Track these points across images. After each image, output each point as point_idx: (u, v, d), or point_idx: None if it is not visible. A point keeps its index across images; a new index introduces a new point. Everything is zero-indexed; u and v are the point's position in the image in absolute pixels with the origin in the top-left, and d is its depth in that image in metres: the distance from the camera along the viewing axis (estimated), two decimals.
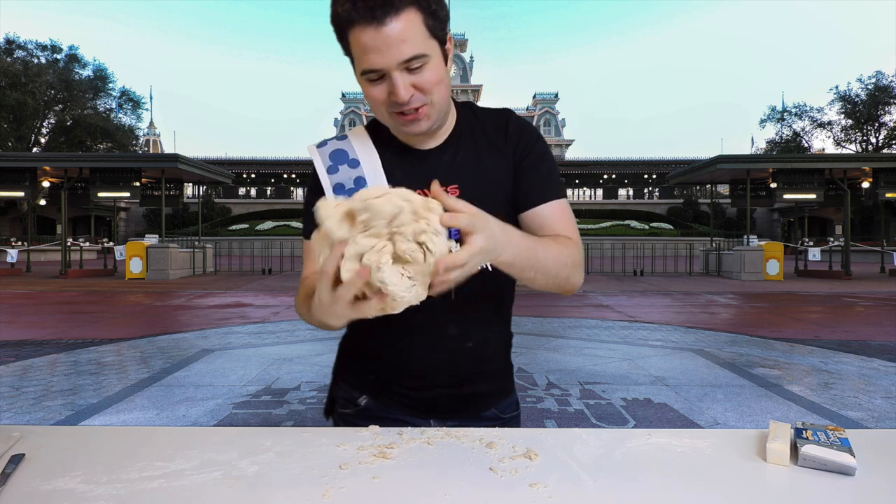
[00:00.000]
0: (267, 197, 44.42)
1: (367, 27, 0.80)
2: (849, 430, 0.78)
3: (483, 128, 1.01)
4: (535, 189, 0.98)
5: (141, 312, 8.37)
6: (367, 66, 0.84)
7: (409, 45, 0.81)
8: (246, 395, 3.91)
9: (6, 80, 28.39)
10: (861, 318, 7.85)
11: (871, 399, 3.81)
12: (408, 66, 0.83)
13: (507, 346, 1.11)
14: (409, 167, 0.97)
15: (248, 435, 0.85)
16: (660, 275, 16.14)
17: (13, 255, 16.14)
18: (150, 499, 0.65)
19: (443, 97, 0.89)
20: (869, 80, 34.61)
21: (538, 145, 1.00)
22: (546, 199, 0.97)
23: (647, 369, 4.63)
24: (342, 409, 1.08)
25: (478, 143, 1.00)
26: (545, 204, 0.97)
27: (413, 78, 0.84)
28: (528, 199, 0.98)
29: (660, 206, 42.13)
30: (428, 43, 0.84)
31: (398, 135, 0.98)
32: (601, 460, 0.75)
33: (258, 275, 15.89)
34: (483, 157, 0.99)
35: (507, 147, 0.99)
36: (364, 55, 0.83)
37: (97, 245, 18.27)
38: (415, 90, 0.85)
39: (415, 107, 0.87)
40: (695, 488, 0.67)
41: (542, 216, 0.97)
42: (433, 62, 0.86)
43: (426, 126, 0.90)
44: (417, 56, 0.82)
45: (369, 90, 0.87)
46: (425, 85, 0.85)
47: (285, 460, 0.75)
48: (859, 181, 16.36)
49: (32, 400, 3.75)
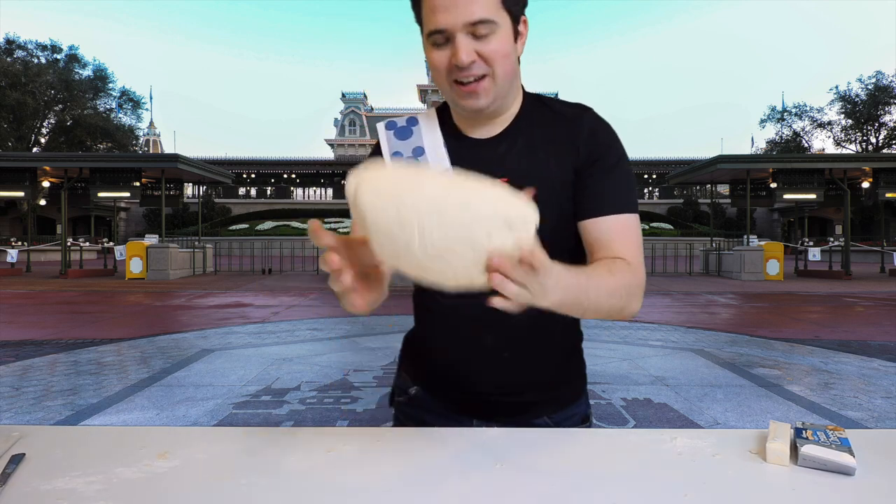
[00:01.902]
0: (267, 197, 44.39)
1: None
2: (849, 430, 0.78)
3: (550, 121, 0.93)
4: (596, 198, 0.88)
5: (141, 312, 8.37)
6: (433, 27, 0.81)
7: (479, 6, 0.79)
8: (246, 395, 3.90)
9: (6, 80, 28.38)
10: (861, 318, 7.85)
11: (871, 399, 3.80)
12: (474, 31, 0.80)
13: (566, 356, 1.04)
14: (463, 154, 0.93)
15: (248, 435, 0.85)
16: (660, 275, 16.13)
17: (13, 255, 16.14)
18: (151, 499, 0.65)
19: (507, 73, 0.85)
20: (869, 80, 34.61)
21: (612, 150, 0.91)
22: (606, 212, 0.87)
23: (647, 369, 4.63)
24: (398, 397, 1.09)
25: (539, 136, 0.92)
26: (605, 217, 0.87)
27: (478, 44, 0.81)
28: (586, 208, 0.89)
29: (660, 206, 42.11)
30: (499, 12, 0.81)
31: (458, 116, 0.95)
32: (601, 460, 0.75)
33: (258, 275, 15.89)
34: (540, 153, 0.91)
35: (574, 147, 0.90)
36: (432, 14, 0.81)
37: (97, 245, 18.26)
38: (477, 57, 0.82)
39: (475, 75, 0.83)
40: (695, 488, 0.67)
41: (599, 230, 0.87)
42: (501, 33, 0.82)
43: (485, 102, 0.85)
44: (485, 20, 0.80)
45: (432, 55, 0.84)
46: (490, 54, 0.82)
47: (283, 460, 0.75)
48: (859, 181, 16.35)
49: (32, 400, 3.75)
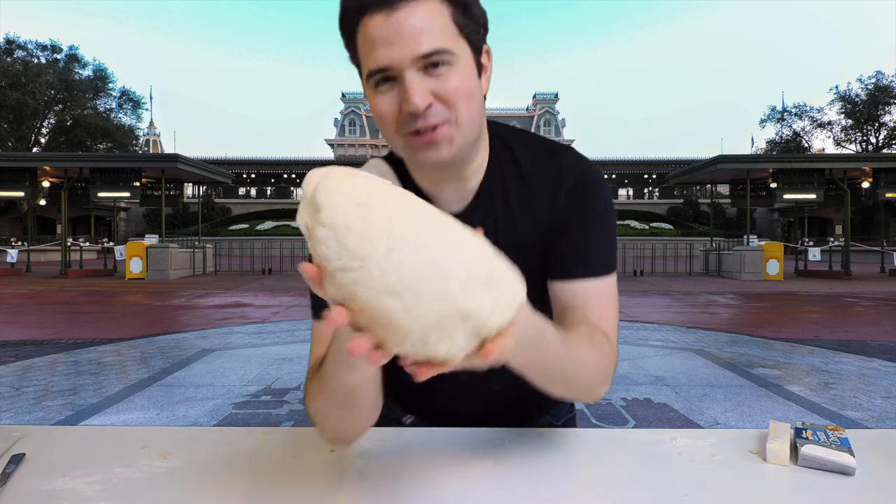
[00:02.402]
0: (267, 197, 44.43)
1: (376, 15, 0.64)
2: (849, 430, 0.78)
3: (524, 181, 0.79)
4: (571, 258, 0.77)
5: (141, 312, 8.37)
6: (374, 65, 0.66)
7: (430, 35, 0.64)
8: (246, 395, 3.90)
9: (6, 80, 28.41)
10: (861, 318, 7.85)
11: (871, 399, 3.80)
12: (426, 65, 0.65)
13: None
14: None
15: (248, 435, 0.85)
16: (660, 275, 16.14)
17: (13, 255, 16.14)
18: (151, 499, 0.65)
19: (472, 116, 0.69)
20: (869, 80, 34.67)
21: (593, 204, 0.78)
22: (582, 275, 0.76)
23: (647, 369, 4.63)
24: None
25: (515, 203, 0.79)
26: (581, 281, 0.76)
27: (433, 83, 0.65)
28: (559, 268, 0.77)
29: (660, 206, 42.13)
30: (455, 41, 0.67)
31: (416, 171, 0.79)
32: (601, 460, 0.75)
33: (258, 275, 15.89)
34: (518, 223, 0.79)
35: (554, 208, 0.78)
36: (370, 51, 0.65)
37: (97, 245, 18.27)
38: (434, 99, 0.66)
39: (433, 123, 0.66)
40: (695, 488, 0.67)
41: (573, 295, 0.76)
42: (461, 66, 0.67)
43: (448, 153, 0.68)
44: (439, 51, 0.65)
45: (377, 101, 0.68)
46: (449, 94, 0.66)
47: (284, 460, 0.75)
48: (859, 181, 16.36)
49: (32, 400, 3.75)
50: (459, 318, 0.45)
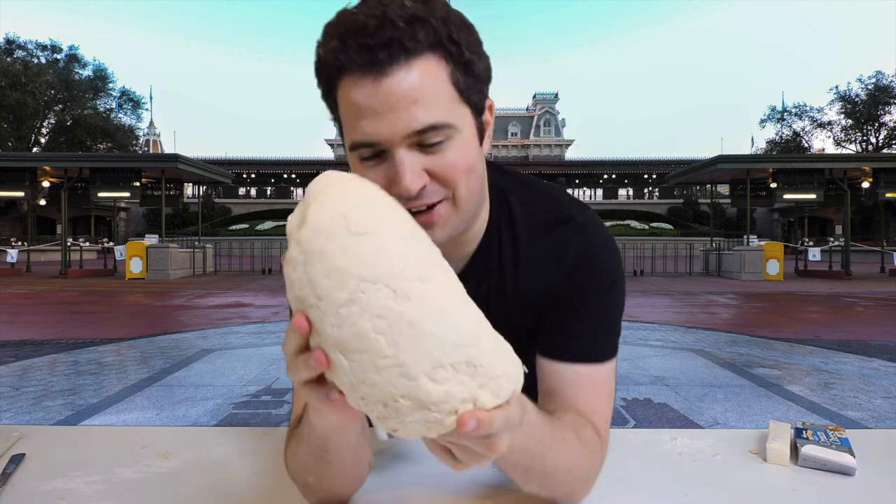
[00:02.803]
0: (267, 197, 44.43)
1: (362, 79, 0.54)
2: (849, 430, 0.78)
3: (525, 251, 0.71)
4: (562, 335, 0.69)
5: (141, 312, 8.37)
6: (359, 138, 0.56)
7: (425, 108, 0.55)
8: (246, 395, 3.90)
9: (6, 80, 28.42)
10: (861, 318, 7.85)
11: (871, 399, 3.80)
12: (420, 142, 0.56)
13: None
14: None
15: (248, 435, 0.85)
16: (660, 275, 16.14)
17: (13, 255, 16.14)
18: (151, 499, 0.65)
19: (472, 192, 0.61)
20: (869, 80, 34.68)
21: (597, 282, 0.69)
22: (572, 358, 0.68)
23: (647, 369, 4.63)
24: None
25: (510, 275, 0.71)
26: (571, 364, 0.68)
27: (428, 160, 0.57)
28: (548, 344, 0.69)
29: (660, 206, 42.15)
30: (455, 109, 0.57)
31: None
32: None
33: (258, 275, 15.89)
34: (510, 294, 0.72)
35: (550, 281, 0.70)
36: (355, 119, 0.56)
37: (97, 245, 18.28)
38: (429, 178, 0.58)
39: (428, 203, 0.59)
40: (695, 488, 0.67)
41: (560, 378, 0.68)
42: (461, 139, 0.58)
43: (442, 235, 0.61)
44: (437, 126, 0.56)
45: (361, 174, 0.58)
46: (447, 172, 0.58)
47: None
48: (859, 181, 16.36)
49: (32, 400, 3.75)
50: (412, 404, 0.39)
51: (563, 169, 46.55)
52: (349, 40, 0.54)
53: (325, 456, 0.59)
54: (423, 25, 0.54)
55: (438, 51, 0.56)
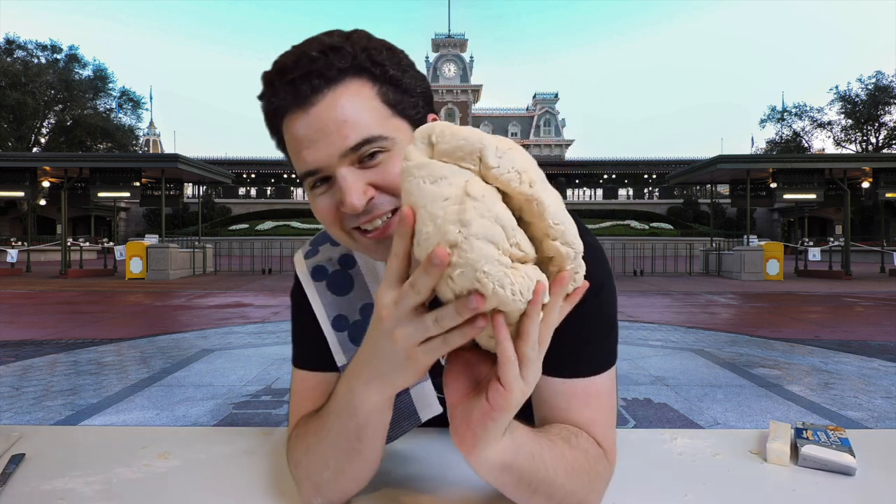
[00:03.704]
0: (267, 197, 44.44)
1: (296, 114, 0.59)
2: (849, 430, 0.78)
3: None
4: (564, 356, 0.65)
5: (141, 312, 8.37)
6: (303, 168, 0.60)
7: (354, 127, 0.58)
8: (246, 395, 3.90)
9: (6, 80, 28.43)
10: (861, 318, 7.85)
11: (871, 399, 3.80)
12: (358, 158, 0.59)
13: None
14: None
15: (249, 435, 0.85)
16: (660, 275, 16.14)
17: (13, 255, 16.15)
18: (151, 499, 0.65)
19: None
20: (869, 80, 34.69)
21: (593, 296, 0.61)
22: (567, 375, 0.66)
23: (647, 369, 4.63)
24: None
25: None
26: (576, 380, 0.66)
27: (370, 174, 0.59)
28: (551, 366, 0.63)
29: (660, 206, 42.14)
30: (388, 123, 0.60)
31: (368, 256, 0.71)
32: None
33: (258, 275, 15.89)
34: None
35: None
36: (297, 153, 0.60)
37: (97, 245, 18.28)
38: (375, 192, 0.60)
39: (378, 215, 0.60)
40: (695, 488, 0.67)
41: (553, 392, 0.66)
42: (400, 149, 0.60)
43: None
44: (370, 139, 0.58)
45: (315, 204, 0.63)
46: (391, 182, 0.59)
47: (283, 460, 0.75)
48: (859, 181, 16.36)
49: (32, 400, 3.75)
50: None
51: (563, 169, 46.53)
52: (276, 82, 0.59)
53: (357, 445, 0.59)
54: (338, 53, 0.58)
55: (361, 74, 0.59)
